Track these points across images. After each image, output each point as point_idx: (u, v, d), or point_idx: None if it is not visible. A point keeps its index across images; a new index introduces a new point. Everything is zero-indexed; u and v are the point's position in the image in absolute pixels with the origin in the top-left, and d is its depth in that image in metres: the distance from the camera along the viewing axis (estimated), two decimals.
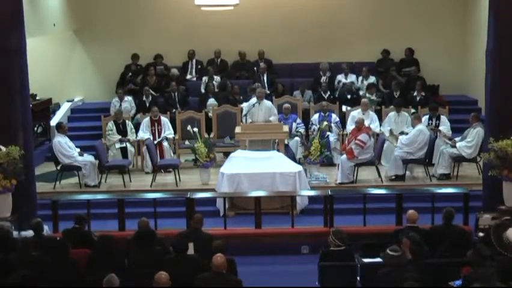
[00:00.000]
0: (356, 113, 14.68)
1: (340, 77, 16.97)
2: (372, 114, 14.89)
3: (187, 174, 14.04)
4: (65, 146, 13.44)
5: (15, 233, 10.29)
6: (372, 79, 16.86)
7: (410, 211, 9.67)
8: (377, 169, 13.52)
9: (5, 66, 11.26)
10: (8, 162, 10.95)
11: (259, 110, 14.71)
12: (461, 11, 17.56)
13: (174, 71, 17.13)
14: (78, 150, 13.66)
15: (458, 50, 17.60)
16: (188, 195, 11.78)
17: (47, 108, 16.12)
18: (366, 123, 14.00)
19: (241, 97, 16.15)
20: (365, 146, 13.33)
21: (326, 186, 13.03)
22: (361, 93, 16.41)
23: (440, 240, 9.18)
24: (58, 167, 13.52)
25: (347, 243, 8.98)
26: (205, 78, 17.02)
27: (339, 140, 14.74)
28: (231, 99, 15.97)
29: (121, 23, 17.53)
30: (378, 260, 8.66)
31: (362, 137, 13.38)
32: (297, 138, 14.66)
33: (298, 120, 15.09)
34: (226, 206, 12.04)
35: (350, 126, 14.40)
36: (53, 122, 16.08)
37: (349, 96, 16.16)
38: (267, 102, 14.90)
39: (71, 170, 13.57)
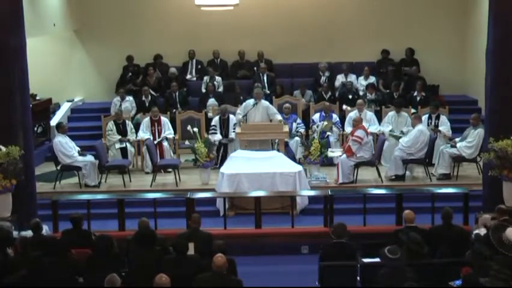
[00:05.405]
0: (353, 114, 14.70)
1: (340, 77, 16.97)
2: (371, 115, 14.90)
3: (187, 174, 14.03)
4: (65, 146, 13.47)
5: (15, 233, 10.28)
6: (372, 79, 16.87)
7: (406, 211, 9.59)
8: (377, 169, 13.52)
9: (5, 66, 11.24)
10: (8, 162, 10.93)
11: (256, 110, 14.63)
12: (461, 11, 17.55)
13: (173, 70, 17.12)
14: (78, 149, 13.68)
15: (458, 50, 17.61)
16: (188, 195, 11.78)
17: (47, 108, 16.12)
18: (365, 125, 14.01)
19: (241, 97, 16.14)
20: (362, 141, 13.34)
21: (326, 186, 13.03)
22: (361, 93, 16.42)
23: (440, 240, 9.17)
24: (58, 167, 13.53)
25: (346, 237, 9.00)
26: (206, 78, 17.01)
27: (339, 141, 14.75)
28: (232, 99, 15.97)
29: (121, 23, 17.53)
30: (378, 260, 8.65)
31: (359, 132, 13.41)
32: (297, 138, 14.66)
33: (299, 120, 15.10)
34: (226, 206, 12.04)
35: (348, 127, 14.42)
36: (53, 122, 16.09)
37: (350, 96, 16.16)
38: (264, 102, 14.80)
39: (71, 170, 13.58)
